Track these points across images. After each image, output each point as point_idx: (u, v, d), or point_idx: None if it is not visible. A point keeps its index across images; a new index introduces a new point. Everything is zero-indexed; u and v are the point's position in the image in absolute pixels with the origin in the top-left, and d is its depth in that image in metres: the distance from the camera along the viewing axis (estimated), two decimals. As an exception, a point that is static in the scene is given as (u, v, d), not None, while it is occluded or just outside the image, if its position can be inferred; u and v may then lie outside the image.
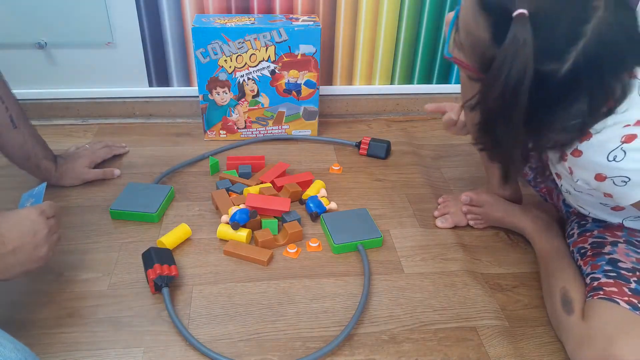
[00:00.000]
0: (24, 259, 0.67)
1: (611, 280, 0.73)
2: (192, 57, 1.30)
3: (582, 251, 0.81)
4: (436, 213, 1.03)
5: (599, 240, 0.81)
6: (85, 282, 0.85)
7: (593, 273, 0.76)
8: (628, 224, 0.78)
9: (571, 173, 0.69)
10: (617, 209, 0.75)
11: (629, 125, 0.61)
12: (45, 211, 0.72)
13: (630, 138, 0.60)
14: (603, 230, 0.82)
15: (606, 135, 0.62)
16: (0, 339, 0.56)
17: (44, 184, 0.80)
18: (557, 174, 0.76)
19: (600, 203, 0.75)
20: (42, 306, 0.80)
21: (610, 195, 0.66)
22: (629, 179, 0.62)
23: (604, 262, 0.76)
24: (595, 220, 0.84)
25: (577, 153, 0.66)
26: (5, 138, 0.94)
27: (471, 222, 1.00)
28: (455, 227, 1.01)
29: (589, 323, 0.70)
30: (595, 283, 0.74)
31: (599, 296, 0.72)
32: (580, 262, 0.81)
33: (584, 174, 0.67)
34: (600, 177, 0.64)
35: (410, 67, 1.39)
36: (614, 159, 0.62)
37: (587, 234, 0.83)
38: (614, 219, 0.79)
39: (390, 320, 0.80)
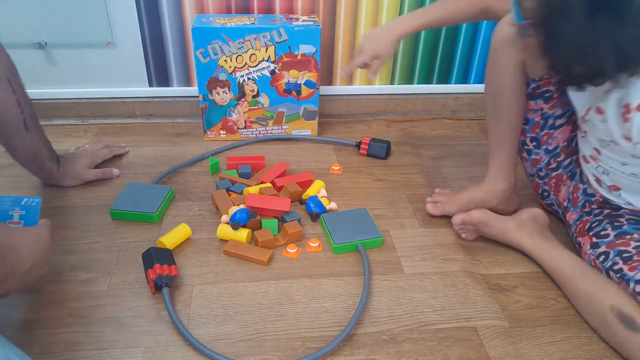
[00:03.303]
0: (32, 277, 0.66)
1: None
2: (192, 57, 1.30)
3: (625, 255, 0.79)
4: (428, 199, 1.04)
5: None
6: (85, 282, 0.85)
7: None
8: None
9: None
10: None
11: None
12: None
13: None
14: None
15: None
16: None
17: (39, 200, 0.75)
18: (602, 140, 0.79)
19: None
20: (42, 306, 0.80)
21: None
22: None
23: None
24: (630, 221, 0.84)
25: None
26: (16, 139, 0.93)
27: (463, 235, 0.98)
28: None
29: None
30: None
31: None
32: (623, 266, 0.79)
33: None
34: None
35: (410, 67, 1.39)
36: None
37: (627, 236, 0.82)
38: None
39: (390, 320, 0.80)
